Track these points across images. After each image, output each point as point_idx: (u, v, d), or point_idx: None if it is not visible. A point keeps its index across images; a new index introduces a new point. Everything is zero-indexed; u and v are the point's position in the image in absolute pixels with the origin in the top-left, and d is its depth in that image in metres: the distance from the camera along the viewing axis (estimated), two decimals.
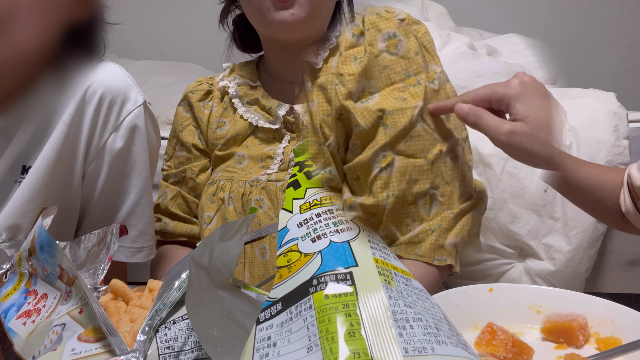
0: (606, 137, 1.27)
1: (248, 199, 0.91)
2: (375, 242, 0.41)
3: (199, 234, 0.99)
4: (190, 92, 1.02)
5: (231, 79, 1.00)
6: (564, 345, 0.60)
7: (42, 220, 0.59)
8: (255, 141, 0.96)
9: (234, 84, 0.99)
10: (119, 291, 0.56)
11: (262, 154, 0.94)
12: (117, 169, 0.84)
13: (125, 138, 0.83)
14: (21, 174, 0.79)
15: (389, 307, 0.35)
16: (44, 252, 0.56)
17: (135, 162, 0.85)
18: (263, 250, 0.91)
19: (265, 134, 0.95)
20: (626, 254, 1.31)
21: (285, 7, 0.84)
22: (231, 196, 0.92)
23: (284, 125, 0.95)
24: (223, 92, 1.00)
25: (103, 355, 0.46)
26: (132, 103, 0.83)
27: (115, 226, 0.64)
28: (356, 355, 0.33)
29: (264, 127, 0.95)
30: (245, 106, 0.97)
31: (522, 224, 1.29)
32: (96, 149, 0.82)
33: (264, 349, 0.36)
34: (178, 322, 0.46)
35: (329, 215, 0.43)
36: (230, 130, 0.97)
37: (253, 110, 0.96)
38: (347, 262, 0.38)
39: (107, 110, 0.82)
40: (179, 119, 1.02)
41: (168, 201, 0.99)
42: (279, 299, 0.38)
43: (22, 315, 0.53)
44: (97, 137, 0.82)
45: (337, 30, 0.95)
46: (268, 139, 0.95)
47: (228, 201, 0.92)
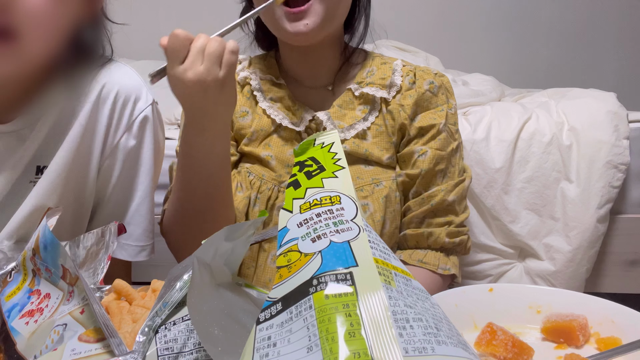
0: (606, 137, 1.27)
1: (273, 204, 0.91)
2: (375, 242, 0.41)
3: None
4: None
5: (251, 71, 0.99)
6: (564, 345, 0.60)
7: (47, 221, 0.59)
8: (279, 141, 0.95)
9: (255, 77, 0.98)
10: (122, 291, 0.56)
11: (289, 160, 0.93)
12: (129, 167, 0.85)
13: (136, 136, 0.84)
14: (36, 174, 0.80)
15: (389, 307, 0.35)
16: (47, 252, 0.56)
17: (144, 160, 0.86)
18: (275, 257, 0.90)
19: (288, 134, 0.95)
20: (626, 254, 1.31)
21: (299, 19, 0.84)
22: (259, 197, 0.92)
23: (305, 129, 0.94)
24: (243, 84, 0.98)
25: (103, 355, 0.46)
26: (144, 101, 0.85)
27: (113, 225, 0.64)
28: (356, 355, 0.33)
29: (288, 127, 0.94)
30: (267, 101, 0.96)
31: (522, 224, 1.29)
32: (111, 146, 0.83)
33: (264, 349, 0.36)
34: (178, 323, 0.46)
35: (329, 215, 0.43)
36: (254, 123, 0.95)
37: (276, 107, 0.96)
38: (347, 262, 0.38)
39: (121, 108, 0.83)
40: None
41: None
42: (279, 299, 0.39)
43: (25, 315, 0.54)
44: (112, 136, 0.83)
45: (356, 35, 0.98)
46: (290, 140, 0.95)
47: (254, 202, 0.92)
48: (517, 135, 1.30)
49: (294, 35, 0.86)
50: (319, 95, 0.97)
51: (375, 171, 0.92)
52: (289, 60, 0.98)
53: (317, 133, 0.56)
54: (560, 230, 1.27)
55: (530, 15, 2.49)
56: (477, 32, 2.53)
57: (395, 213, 0.93)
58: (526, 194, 1.28)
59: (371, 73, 0.96)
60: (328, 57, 0.96)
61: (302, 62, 0.96)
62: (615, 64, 2.46)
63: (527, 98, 1.61)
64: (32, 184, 0.80)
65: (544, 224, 1.29)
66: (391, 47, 1.91)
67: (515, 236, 1.30)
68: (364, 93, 0.94)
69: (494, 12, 2.51)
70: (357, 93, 0.94)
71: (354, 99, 0.95)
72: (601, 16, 2.43)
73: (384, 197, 0.91)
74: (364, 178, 0.92)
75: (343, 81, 0.97)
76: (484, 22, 2.53)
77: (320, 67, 0.96)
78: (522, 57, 2.50)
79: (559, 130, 1.30)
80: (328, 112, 0.94)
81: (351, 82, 0.96)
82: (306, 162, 0.51)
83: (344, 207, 0.44)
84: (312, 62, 0.95)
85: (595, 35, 2.45)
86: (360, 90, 0.94)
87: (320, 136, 0.55)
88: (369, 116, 0.94)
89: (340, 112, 0.94)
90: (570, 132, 1.30)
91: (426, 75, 0.96)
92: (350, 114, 0.94)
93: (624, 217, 1.30)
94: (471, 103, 1.48)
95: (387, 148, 0.94)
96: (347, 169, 0.49)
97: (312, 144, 0.54)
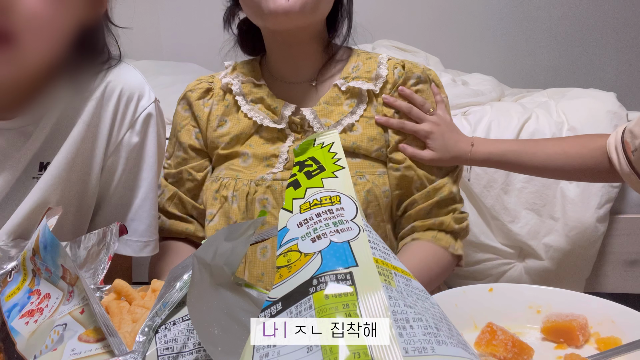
0: None
1: (253, 198, 0.92)
2: (375, 242, 0.41)
3: (194, 232, 1.00)
4: (189, 91, 1.02)
5: (234, 76, 1.00)
6: (564, 345, 0.60)
7: (47, 220, 0.59)
8: (259, 140, 0.96)
9: (237, 82, 0.99)
10: (122, 291, 0.56)
11: (267, 153, 0.94)
12: (132, 164, 0.86)
13: (140, 133, 0.85)
14: (39, 171, 0.80)
15: (389, 307, 0.35)
16: (47, 252, 0.56)
17: (147, 156, 0.87)
18: (264, 250, 0.91)
19: (270, 133, 0.96)
20: (626, 254, 1.31)
21: None
22: (235, 195, 0.92)
23: (288, 125, 0.95)
24: (226, 90, 1.00)
25: (103, 355, 0.46)
26: (147, 99, 0.86)
27: (115, 225, 0.64)
28: (356, 355, 0.33)
29: (269, 126, 0.95)
30: (249, 104, 0.97)
31: (522, 224, 1.29)
32: (114, 144, 0.84)
33: (263, 348, 0.36)
34: (178, 323, 0.46)
35: (329, 215, 0.43)
36: (233, 129, 0.97)
37: (257, 109, 0.97)
38: (347, 262, 0.38)
39: (125, 106, 0.84)
40: (178, 119, 1.02)
41: (165, 201, 1.00)
42: (279, 299, 0.39)
43: (25, 315, 0.54)
44: (116, 133, 0.84)
45: (339, 35, 0.99)
46: (272, 139, 0.96)
47: (232, 199, 0.92)
48: (517, 135, 1.30)
49: (275, 14, 0.85)
50: (302, 90, 0.98)
51: (362, 164, 0.93)
52: (273, 56, 0.98)
53: (317, 133, 0.56)
54: (560, 230, 1.27)
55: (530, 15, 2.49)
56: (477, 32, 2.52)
57: (380, 207, 0.93)
58: (526, 194, 1.28)
59: (357, 68, 0.97)
60: (310, 52, 0.97)
61: (286, 57, 0.97)
62: (615, 64, 2.46)
63: (527, 98, 1.61)
64: (35, 180, 0.80)
65: (544, 223, 1.29)
66: (391, 47, 1.92)
67: (515, 236, 1.30)
68: (351, 87, 0.95)
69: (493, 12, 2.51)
70: (344, 88, 0.95)
71: (341, 94, 0.96)
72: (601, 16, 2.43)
73: (366, 191, 0.91)
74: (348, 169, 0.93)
75: (327, 77, 0.98)
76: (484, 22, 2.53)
77: (302, 62, 0.97)
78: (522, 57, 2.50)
79: (558, 130, 1.30)
80: (314, 110, 0.94)
81: (336, 78, 0.98)
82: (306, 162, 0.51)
83: (344, 207, 0.44)
84: (295, 56, 0.96)
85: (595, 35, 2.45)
86: (346, 85, 0.95)
87: (320, 136, 0.55)
88: (356, 109, 0.95)
89: (327, 109, 0.95)
90: (570, 132, 1.30)
91: (415, 69, 0.98)
92: (337, 109, 0.95)
93: (623, 217, 1.30)
94: (471, 103, 1.48)
95: (377, 139, 0.95)
96: (347, 169, 0.49)
97: (312, 144, 0.54)
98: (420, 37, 2.28)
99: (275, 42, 0.96)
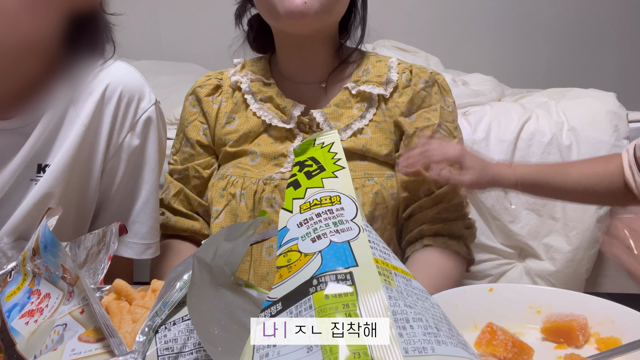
0: (606, 137, 1.27)
1: (261, 196, 0.92)
2: (375, 242, 0.41)
3: (200, 229, 0.99)
4: (198, 87, 1.01)
5: (243, 74, 1.00)
6: (564, 345, 0.60)
7: (47, 221, 0.59)
8: (268, 139, 0.96)
9: (246, 80, 0.99)
10: (122, 291, 0.56)
11: (275, 152, 0.94)
12: (133, 166, 0.86)
13: (140, 135, 0.85)
14: (37, 173, 0.80)
15: (389, 307, 0.35)
16: (47, 252, 0.56)
17: (148, 158, 0.87)
18: (270, 249, 0.91)
19: (278, 132, 0.96)
20: None
21: None
22: (243, 193, 0.92)
23: (297, 125, 0.95)
24: (235, 88, 0.99)
25: (103, 355, 0.46)
26: (147, 101, 0.85)
27: (114, 226, 0.64)
28: (356, 355, 0.33)
29: (278, 125, 0.95)
30: (258, 103, 0.97)
31: (522, 224, 1.29)
32: (115, 146, 0.84)
33: (264, 348, 0.36)
34: (178, 323, 0.46)
35: (329, 215, 0.43)
36: (241, 127, 0.97)
37: (266, 108, 0.96)
38: (347, 262, 0.38)
39: (125, 108, 0.83)
40: (186, 114, 1.02)
41: (171, 197, 1.00)
42: (279, 299, 0.39)
43: (25, 315, 0.54)
44: (116, 135, 0.83)
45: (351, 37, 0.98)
46: (281, 138, 0.96)
47: (240, 197, 0.92)
48: (517, 135, 1.30)
49: (290, 15, 0.85)
50: (311, 90, 0.98)
51: (370, 166, 0.93)
52: (283, 56, 0.98)
53: (317, 133, 0.56)
54: (560, 230, 1.27)
55: (530, 15, 2.49)
56: (477, 32, 2.53)
57: (388, 210, 0.93)
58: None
59: (367, 71, 0.97)
60: (321, 54, 0.96)
61: (296, 57, 0.96)
62: (615, 64, 2.46)
63: (527, 98, 1.62)
64: (32, 182, 0.80)
65: (544, 224, 1.29)
66: (391, 47, 1.92)
67: (515, 236, 1.30)
68: (361, 91, 0.95)
69: (494, 12, 2.51)
70: (354, 91, 0.95)
71: (351, 97, 0.96)
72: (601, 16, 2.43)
73: (374, 193, 0.91)
74: (357, 171, 0.93)
75: (338, 80, 0.98)
76: (484, 22, 2.53)
77: (313, 64, 0.97)
78: (522, 57, 2.51)
79: (558, 130, 1.31)
80: (324, 113, 0.94)
81: (347, 81, 0.97)
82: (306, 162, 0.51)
83: (344, 207, 0.44)
84: (305, 57, 0.96)
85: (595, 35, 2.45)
86: (357, 89, 0.95)
87: (320, 136, 0.55)
88: (366, 113, 0.95)
89: (337, 112, 0.95)
90: (570, 132, 1.30)
91: (422, 74, 0.97)
92: (347, 112, 0.95)
93: (623, 217, 1.30)
94: (471, 103, 1.48)
95: (386, 144, 0.94)
96: (347, 169, 0.49)
97: (312, 143, 0.54)
98: (420, 37, 2.28)
99: (286, 42, 0.96)
